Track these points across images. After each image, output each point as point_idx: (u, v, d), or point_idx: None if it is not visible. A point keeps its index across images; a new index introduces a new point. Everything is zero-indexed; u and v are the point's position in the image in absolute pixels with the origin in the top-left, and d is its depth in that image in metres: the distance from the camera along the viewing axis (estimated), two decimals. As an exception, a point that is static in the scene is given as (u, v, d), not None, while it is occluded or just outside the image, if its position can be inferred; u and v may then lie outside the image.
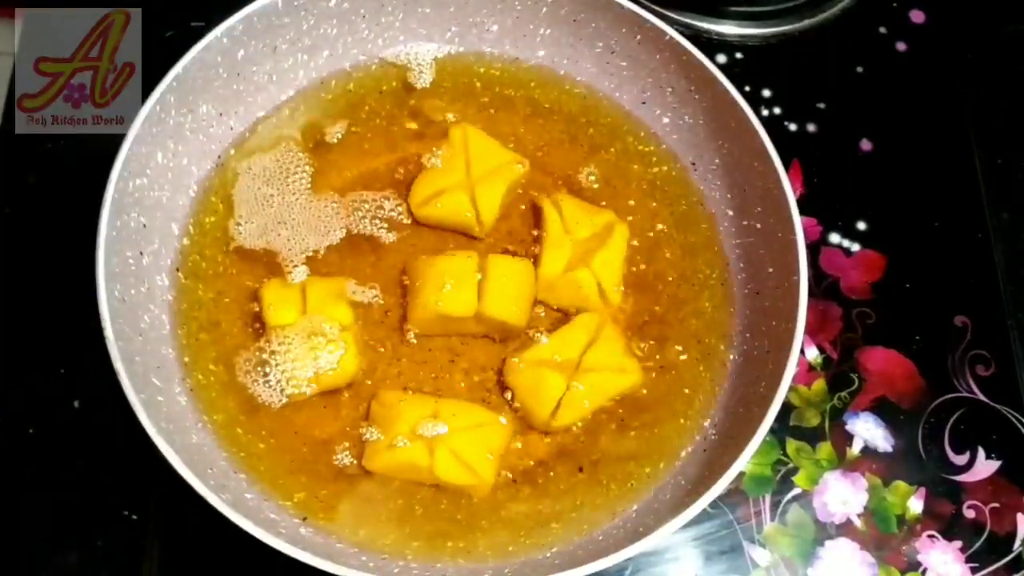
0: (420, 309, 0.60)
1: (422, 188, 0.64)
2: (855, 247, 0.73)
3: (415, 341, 0.61)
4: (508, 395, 0.60)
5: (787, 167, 0.62)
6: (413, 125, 0.67)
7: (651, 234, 0.66)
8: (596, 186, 0.67)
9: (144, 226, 0.59)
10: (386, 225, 0.63)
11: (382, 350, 0.61)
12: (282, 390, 0.57)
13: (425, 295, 0.59)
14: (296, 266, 0.61)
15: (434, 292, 0.59)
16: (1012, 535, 0.65)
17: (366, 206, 0.64)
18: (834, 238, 0.73)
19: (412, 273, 0.61)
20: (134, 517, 0.60)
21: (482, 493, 0.57)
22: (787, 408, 0.67)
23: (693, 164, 0.68)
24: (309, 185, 0.64)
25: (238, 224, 0.62)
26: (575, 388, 0.58)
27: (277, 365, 0.57)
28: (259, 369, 0.58)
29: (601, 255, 0.62)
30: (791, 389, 0.65)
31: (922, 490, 0.65)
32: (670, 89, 0.67)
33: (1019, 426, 0.68)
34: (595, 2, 0.66)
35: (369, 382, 0.60)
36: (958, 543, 0.64)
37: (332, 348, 0.58)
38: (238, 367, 0.59)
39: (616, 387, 0.60)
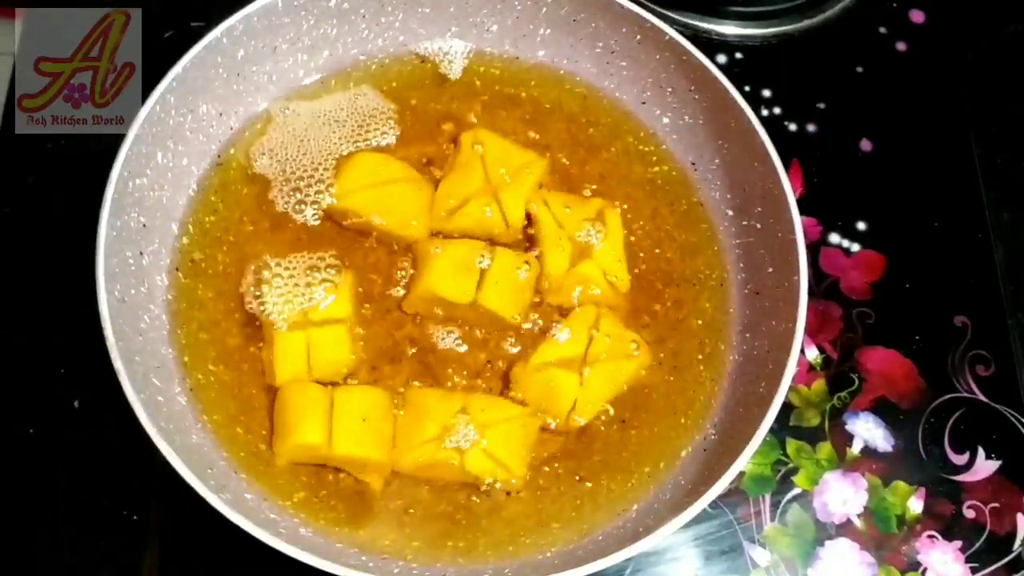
0: (420, 288, 0.60)
1: (443, 200, 0.63)
2: (855, 247, 0.73)
3: (414, 351, 0.61)
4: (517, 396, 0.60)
5: (787, 167, 0.62)
6: (416, 127, 0.67)
7: (651, 234, 0.66)
8: (596, 186, 0.67)
9: (144, 226, 0.59)
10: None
11: (381, 348, 0.61)
12: (279, 315, 0.58)
13: (428, 276, 0.59)
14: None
15: (437, 274, 0.59)
16: (1012, 535, 0.65)
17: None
18: (834, 238, 0.73)
19: (419, 253, 0.62)
20: (134, 517, 0.60)
21: (514, 488, 0.57)
22: (787, 408, 0.67)
23: (693, 164, 0.68)
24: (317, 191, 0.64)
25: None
26: (588, 382, 0.58)
27: (276, 289, 0.59)
28: (255, 292, 0.59)
29: (600, 244, 0.62)
30: (791, 389, 0.65)
31: (922, 490, 0.65)
32: (670, 89, 0.67)
33: (1019, 426, 0.68)
34: (595, 2, 0.66)
35: (374, 380, 0.60)
36: (958, 543, 0.64)
37: (327, 287, 0.59)
38: (243, 287, 0.60)
39: (627, 372, 0.60)
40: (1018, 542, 0.64)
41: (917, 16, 0.83)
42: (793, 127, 0.77)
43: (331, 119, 0.66)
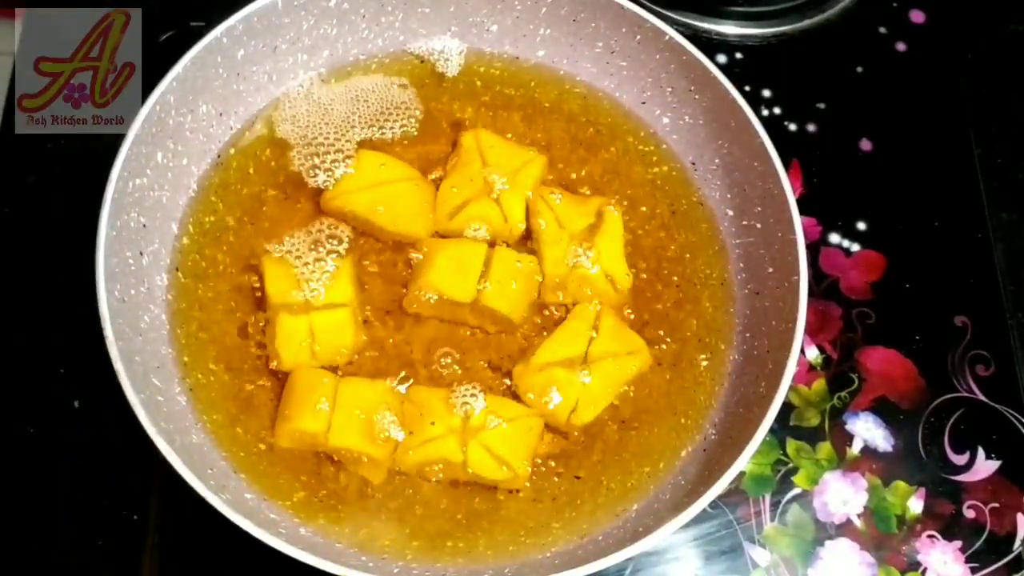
0: (421, 287, 0.60)
1: (444, 200, 0.63)
2: (855, 247, 0.73)
3: (415, 351, 0.61)
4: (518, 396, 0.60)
5: (787, 167, 0.62)
6: (415, 127, 0.68)
7: (651, 234, 0.66)
8: (596, 186, 0.67)
9: (144, 226, 0.59)
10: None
11: (382, 347, 0.61)
12: (293, 296, 0.59)
13: (429, 274, 0.60)
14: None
15: (438, 273, 0.59)
16: (1012, 535, 0.65)
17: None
18: (834, 238, 0.73)
19: (420, 252, 0.62)
20: (134, 517, 0.60)
21: (516, 487, 0.57)
22: (787, 408, 0.67)
23: (693, 164, 0.68)
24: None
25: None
26: (590, 382, 0.58)
27: (286, 271, 0.59)
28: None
29: (600, 243, 0.62)
30: (791, 389, 0.65)
31: (922, 490, 0.65)
32: (670, 89, 0.67)
33: (1019, 426, 0.68)
34: (595, 2, 0.66)
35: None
36: (958, 543, 0.64)
37: (334, 257, 0.60)
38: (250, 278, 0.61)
39: (629, 370, 0.60)
40: (1018, 542, 0.64)
41: (917, 16, 0.83)
42: (793, 127, 0.77)
43: (359, 98, 0.66)
